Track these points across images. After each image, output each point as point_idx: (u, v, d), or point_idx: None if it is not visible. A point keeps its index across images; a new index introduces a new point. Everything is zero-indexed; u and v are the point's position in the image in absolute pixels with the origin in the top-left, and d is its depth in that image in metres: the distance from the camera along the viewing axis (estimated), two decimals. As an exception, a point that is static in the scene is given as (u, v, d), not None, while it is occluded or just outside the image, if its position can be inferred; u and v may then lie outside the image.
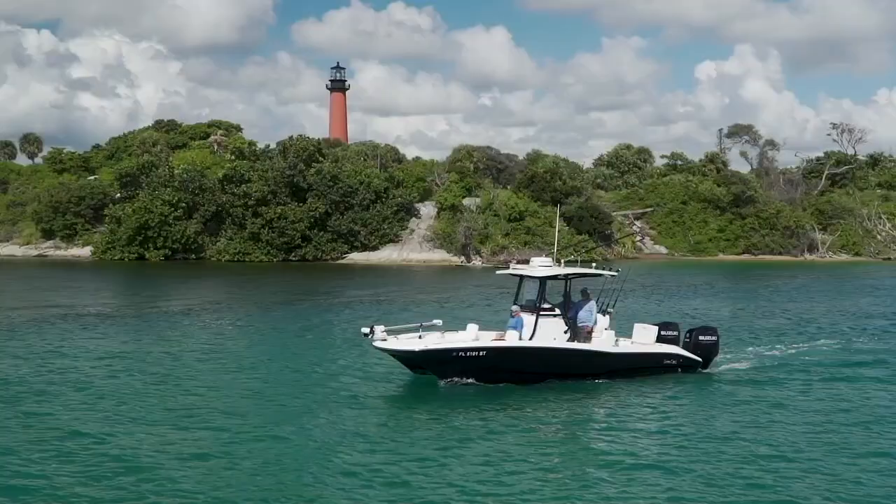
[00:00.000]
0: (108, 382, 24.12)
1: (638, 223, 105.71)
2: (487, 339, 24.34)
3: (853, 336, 35.17)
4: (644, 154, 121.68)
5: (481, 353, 23.29)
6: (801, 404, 22.39)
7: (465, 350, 23.28)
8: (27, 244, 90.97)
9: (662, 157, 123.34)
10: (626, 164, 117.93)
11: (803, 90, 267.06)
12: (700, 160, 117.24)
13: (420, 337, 23.57)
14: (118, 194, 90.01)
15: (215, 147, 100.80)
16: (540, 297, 24.34)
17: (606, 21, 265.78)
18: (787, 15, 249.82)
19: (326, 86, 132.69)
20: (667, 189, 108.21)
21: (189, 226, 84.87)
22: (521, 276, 25.26)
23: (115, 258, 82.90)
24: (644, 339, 26.26)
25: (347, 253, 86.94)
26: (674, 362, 25.87)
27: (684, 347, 26.20)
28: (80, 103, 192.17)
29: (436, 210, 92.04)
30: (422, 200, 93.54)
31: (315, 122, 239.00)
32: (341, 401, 22.08)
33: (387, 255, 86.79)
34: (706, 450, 18.06)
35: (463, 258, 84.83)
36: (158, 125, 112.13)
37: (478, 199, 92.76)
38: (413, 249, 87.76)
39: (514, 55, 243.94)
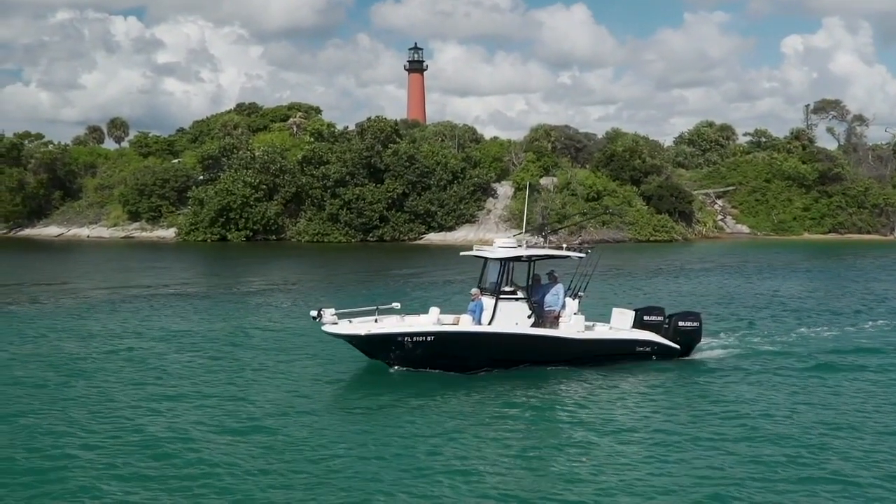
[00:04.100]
0: (173, 359, 24.84)
1: (719, 202, 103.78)
2: (446, 324, 22.88)
3: None
4: (726, 131, 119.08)
5: (429, 339, 21.95)
6: (767, 396, 20.76)
7: (412, 335, 21.93)
8: (114, 226, 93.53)
9: (745, 134, 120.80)
10: (707, 141, 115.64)
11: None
12: (785, 137, 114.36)
13: (376, 321, 22.47)
14: (201, 177, 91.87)
15: (294, 129, 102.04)
16: (500, 280, 22.91)
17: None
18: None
19: (404, 67, 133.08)
20: (749, 167, 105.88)
21: (269, 207, 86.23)
22: (485, 258, 23.77)
23: (198, 239, 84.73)
24: (621, 325, 24.61)
25: (424, 233, 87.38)
26: (647, 349, 24.18)
27: (663, 333, 24.49)
28: (166, 88, 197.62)
29: (512, 190, 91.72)
30: (498, 180, 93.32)
31: (394, 104, 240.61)
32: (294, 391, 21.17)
33: (463, 235, 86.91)
34: (657, 440, 17.25)
35: (540, 238, 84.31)
36: (240, 108, 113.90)
37: (555, 179, 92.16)
38: (489, 229, 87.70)
39: (594, 32, 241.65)
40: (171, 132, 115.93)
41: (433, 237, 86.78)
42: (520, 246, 23.84)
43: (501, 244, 23.86)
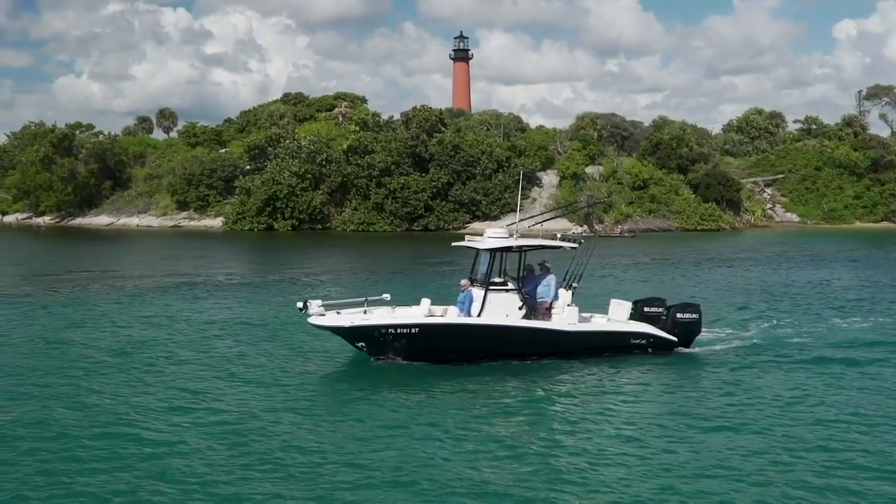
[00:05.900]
0: (220, 345, 25.05)
1: (768, 190, 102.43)
2: (435, 315, 22.48)
3: None
4: (776, 119, 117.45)
5: (414, 330, 21.62)
6: (757, 389, 20.11)
7: (396, 326, 21.61)
8: (163, 215, 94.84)
9: (796, 121, 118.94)
10: (756, 129, 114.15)
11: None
12: (836, 124, 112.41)
13: (365, 312, 22.11)
14: (248, 166, 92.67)
15: (340, 119, 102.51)
16: (490, 271, 22.45)
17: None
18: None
19: (450, 56, 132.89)
20: (799, 154, 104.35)
21: (315, 196, 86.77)
22: (476, 249, 23.32)
23: (245, 228, 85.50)
24: (619, 316, 23.91)
25: (469, 223, 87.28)
26: (643, 342, 23.38)
27: (662, 325, 23.69)
28: (214, 78, 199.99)
29: (558, 178, 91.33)
30: (544, 169, 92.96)
31: (439, 93, 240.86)
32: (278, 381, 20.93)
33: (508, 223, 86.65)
34: (648, 432, 16.83)
35: (585, 227, 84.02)
36: (286, 98, 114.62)
37: (601, 167, 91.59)
38: (535, 218, 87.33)
39: (641, 19, 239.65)
40: (218, 122, 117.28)
41: (478, 226, 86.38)
42: (511, 236, 23.30)
43: (492, 234, 23.40)
